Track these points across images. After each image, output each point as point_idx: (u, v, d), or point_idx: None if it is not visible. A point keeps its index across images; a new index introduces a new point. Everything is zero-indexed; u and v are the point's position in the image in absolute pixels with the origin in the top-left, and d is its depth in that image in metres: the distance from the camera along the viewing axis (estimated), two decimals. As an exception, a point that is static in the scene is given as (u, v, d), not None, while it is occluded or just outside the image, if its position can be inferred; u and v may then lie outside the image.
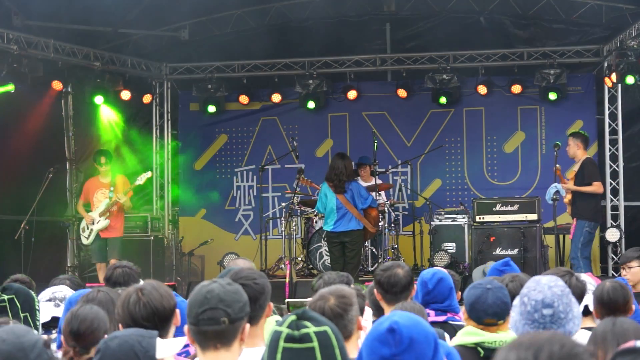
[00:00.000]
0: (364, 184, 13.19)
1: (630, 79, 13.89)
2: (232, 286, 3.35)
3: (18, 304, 4.92)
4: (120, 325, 3.77)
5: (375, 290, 5.51)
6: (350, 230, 12.27)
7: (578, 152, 12.28)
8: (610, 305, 5.01)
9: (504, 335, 4.59)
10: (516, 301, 4.00)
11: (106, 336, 3.50)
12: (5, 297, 4.91)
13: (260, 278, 4.11)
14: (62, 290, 5.62)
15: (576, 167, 12.30)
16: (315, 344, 2.63)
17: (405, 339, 2.71)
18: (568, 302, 3.94)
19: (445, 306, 5.66)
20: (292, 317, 2.66)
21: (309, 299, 4.08)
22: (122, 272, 6.10)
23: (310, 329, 2.64)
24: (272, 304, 4.28)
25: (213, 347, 3.26)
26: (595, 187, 12.25)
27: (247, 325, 3.37)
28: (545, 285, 3.90)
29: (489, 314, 4.58)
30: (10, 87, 13.32)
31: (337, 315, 3.89)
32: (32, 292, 5.08)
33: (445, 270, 5.92)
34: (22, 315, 4.98)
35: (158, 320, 3.70)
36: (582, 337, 4.22)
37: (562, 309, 3.88)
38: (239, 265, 5.83)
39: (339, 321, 3.89)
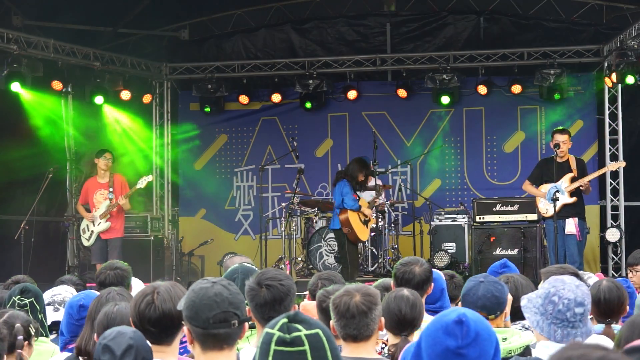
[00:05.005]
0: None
1: (630, 79, 13.87)
2: (233, 286, 3.36)
3: (38, 306, 4.97)
4: (131, 321, 3.79)
5: (392, 283, 5.51)
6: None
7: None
8: (606, 305, 5.00)
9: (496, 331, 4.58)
10: (535, 301, 3.92)
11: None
12: (27, 300, 4.97)
13: (286, 279, 4.10)
14: (62, 293, 5.61)
15: (574, 165, 12.08)
16: (307, 347, 2.61)
17: (472, 332, 2.67)
18: (590, 301, 3.93)
19: (437, 307, 5.66)
20: (284, 320, 2.65)
21: (336, 293, 4.04)
22: (115, 274, 6.10)
23: (302, 332, 2.61)
24: (296, 306, 4.22)
25: (219, 348, 3.28)
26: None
27: (247, 325, 3.38)
28: (572, 285, 3.86)
29: (478, 306, 4.58)
30: (17, 86, 13.32)
31: (361, 313, 3.90)
32: (40, 292, 5.14)
33: (438, 272, 5.91)
34: (39, 316, 5.01)
35: (165, 326, 3.71)
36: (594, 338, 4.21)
37: (589, 308, 3.87)
38: (236, 263, 5.81)
39: (362, 319, 3.91)
